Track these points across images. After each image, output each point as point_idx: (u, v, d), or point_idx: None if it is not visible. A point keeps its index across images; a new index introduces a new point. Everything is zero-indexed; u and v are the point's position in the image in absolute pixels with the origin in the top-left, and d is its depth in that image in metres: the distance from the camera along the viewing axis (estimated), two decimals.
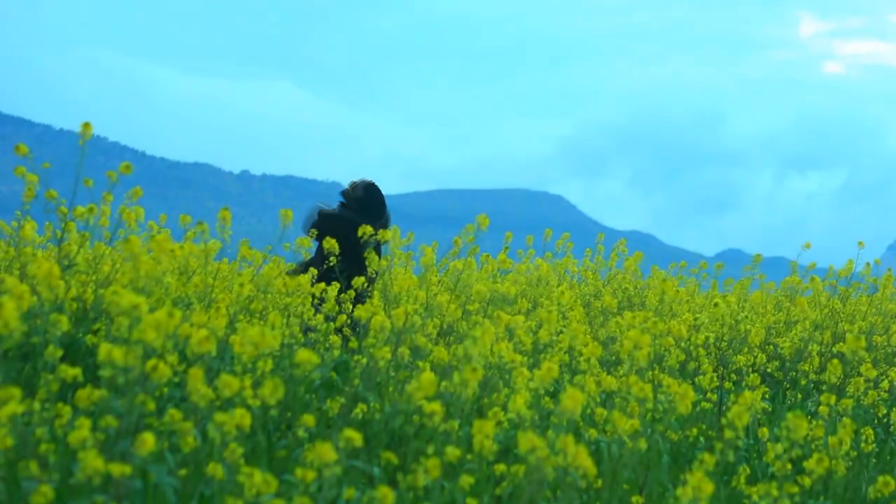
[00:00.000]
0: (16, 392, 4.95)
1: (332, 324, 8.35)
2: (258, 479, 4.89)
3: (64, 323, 5.80)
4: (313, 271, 9.35)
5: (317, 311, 8.62)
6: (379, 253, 9.99)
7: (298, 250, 10.33)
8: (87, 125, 8.69)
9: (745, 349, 11.47)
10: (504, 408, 6.75)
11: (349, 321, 8.62)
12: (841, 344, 11.28)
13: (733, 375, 10.50)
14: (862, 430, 7.97)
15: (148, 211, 9.67)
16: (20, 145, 8.69)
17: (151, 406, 5.28)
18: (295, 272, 10.06)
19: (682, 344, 10.35)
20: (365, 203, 10.84)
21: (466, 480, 5.61)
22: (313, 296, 8.76)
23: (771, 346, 12.32)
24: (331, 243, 9.40)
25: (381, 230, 10.03)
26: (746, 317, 12.13)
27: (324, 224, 10.60)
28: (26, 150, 8.72)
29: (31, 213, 9.07)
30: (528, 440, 5.16)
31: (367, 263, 9.32)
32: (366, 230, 9.28)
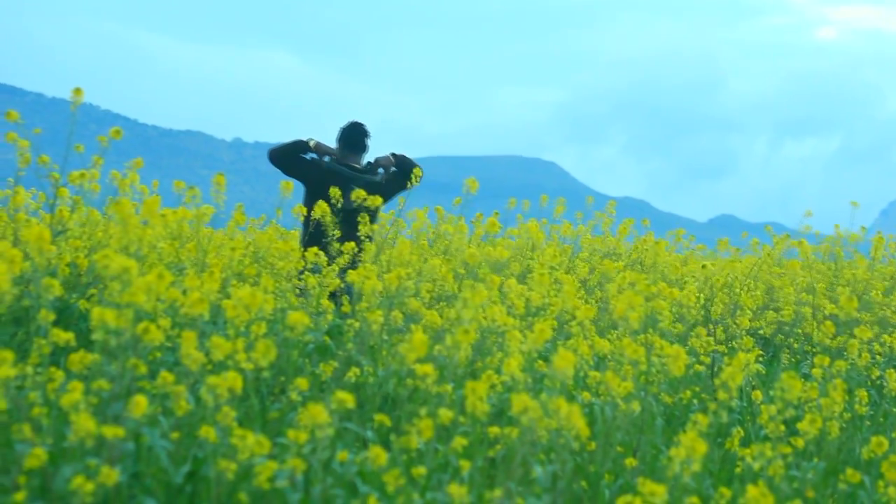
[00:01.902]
0: (8, 356, 4.96)
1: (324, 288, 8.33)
2: (251, 441, 4.89)
3: (56, 287, 5.79)
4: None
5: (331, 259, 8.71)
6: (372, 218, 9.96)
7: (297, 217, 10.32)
8: (78, 90, 8.66)
9: (739, 312, 11.47)
10: (498, 371, 6.74)
11: (343, 285, 8.60)
12: (834, 306, 11.28)
13: (723, 333, 10.49)
14: (856, 392, 7.96)
15: (141, 178, 9.68)
16: (10, 111, 8.66)
17: (143, 369, 5.28)
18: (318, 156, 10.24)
19: (675, 309, 10.34)
20: (341, 135, 10.85)
21: (460, 442, 5.61)
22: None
23: (771, 312, 12.31)
24: (322, 208, 9.39)
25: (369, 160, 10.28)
26: (743, 282, 12.11)
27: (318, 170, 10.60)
28: (16, 115, 8.69)
29: (23, 180, 9.06)
30: (520, 401, 5.16)
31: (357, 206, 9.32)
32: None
